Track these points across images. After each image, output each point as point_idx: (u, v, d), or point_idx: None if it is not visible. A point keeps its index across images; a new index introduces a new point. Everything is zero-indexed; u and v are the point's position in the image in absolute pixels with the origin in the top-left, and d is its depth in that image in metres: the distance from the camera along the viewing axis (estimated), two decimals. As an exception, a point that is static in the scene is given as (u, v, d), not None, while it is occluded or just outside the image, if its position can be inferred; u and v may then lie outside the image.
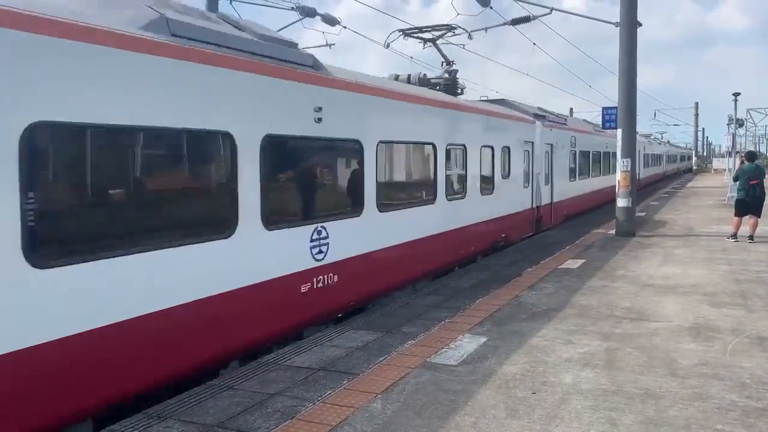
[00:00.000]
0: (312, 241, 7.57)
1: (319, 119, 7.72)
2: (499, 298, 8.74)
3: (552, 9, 17.51)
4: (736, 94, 48.69)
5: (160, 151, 5.90)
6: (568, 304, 8.27)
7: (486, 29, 18.29)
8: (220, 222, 6.27)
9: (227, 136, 6.29)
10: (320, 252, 7.72)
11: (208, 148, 6.39)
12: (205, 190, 6.40)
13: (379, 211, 9.07)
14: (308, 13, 16.81)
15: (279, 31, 12.53)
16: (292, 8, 16.90)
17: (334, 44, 16.78)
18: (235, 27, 7.11)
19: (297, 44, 8.12)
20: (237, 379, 5.90)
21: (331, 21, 17.21)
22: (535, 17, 17.58)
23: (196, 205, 6.23)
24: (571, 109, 47.39)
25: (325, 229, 7.79)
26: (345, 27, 17.63)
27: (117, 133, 5.28)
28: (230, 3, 16.32)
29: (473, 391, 5.25)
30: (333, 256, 7.95)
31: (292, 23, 17.01)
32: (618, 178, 15.44)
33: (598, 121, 22.39)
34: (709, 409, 4.84)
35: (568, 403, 4.99)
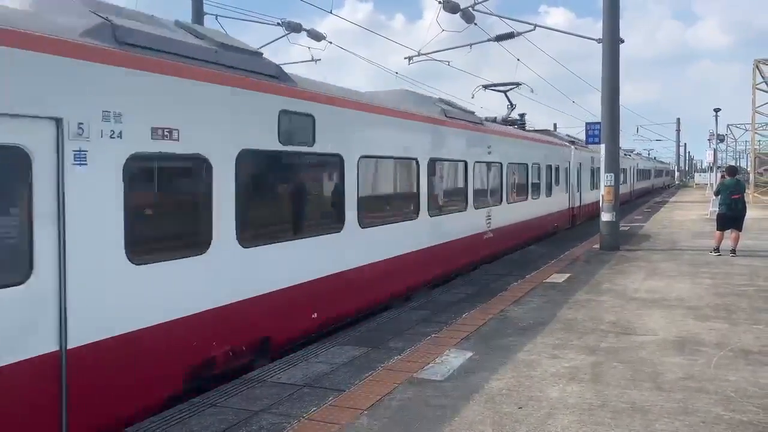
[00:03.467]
0: (486, 217, 14.19)
1: (489, 152, 14.45)
2: (485, 312, 8.73)
3: (535, 25, 17.73)
4: (717, 110, 49.31)
5: (450, 168, 12.75)
6: (554, 319, 8.28)
7: (470, 45, 18.48)
8: (461, 202, 13.02)
9: (464, 163, 13.01)
10: (489, 222, 14.34)
11: (460, 170, 12.92)
12: (462, 189, 13.06)
13: (508, 203, 15.73)
14: (294, 28, 16.88)
15: (264, 46, 12.80)
16: (278, 24, 16.96)
17: (320, 59, 16.88)
18: (464, 110, 14.27)
19: (495, 117, 18.15)
20: (221, 396, 5.83)
21: (316, 37, 17.28)
22: (518, 33, 17.78)
23: (460, 195, 13.05)
24: (555, 125, 47.76)
25: (490, 211, 14.45)
26: (331, 42, 17.71)
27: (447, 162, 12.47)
28: (216, 18, 16.34)
29: (460, 406, 5.22)
30: (493, 225, 14.64)
31: (278, 38, 17.07)
32: (602, 192, 15.55)
33: (582, 136, 22.73)
34: (695, 422, 4.84)
35: (554, 417, 4.97)
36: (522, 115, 20.69)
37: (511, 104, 20.26)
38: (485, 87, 20.28)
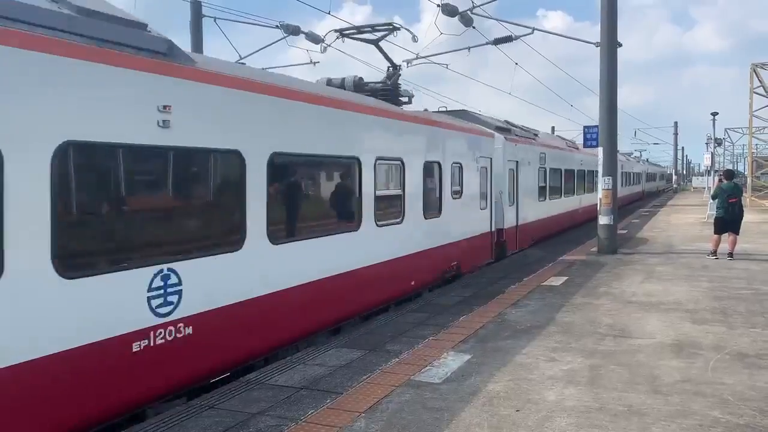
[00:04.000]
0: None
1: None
2: (482, 315, 8.74)
3: (533, 29, 17.74)
4: (714, 114, 49.53)
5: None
6: (552, 322, 8.29)
7: (469, 49, 18.49)
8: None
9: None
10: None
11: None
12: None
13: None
14: (292, 31, 16.90)
15: (263, 49, 12.71)
16: (277, 26, 16.98)
17: (318, 62, 16.89)
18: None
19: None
20: (219, 398, 5.83)
21: (315, 39, 17.30)
22: (516, 37, 17.79)
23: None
24: (553, 128, 47.92)
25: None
26: (329, 45, 17.71)
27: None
28: (214, 21, 16.38)
29: (457, 409, 5.22)
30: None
31: (277, 41, 17.09)
32: (599, 196, 15.60)
33: (580, 139, 22.56)
34: (692, 426, 4.85)
35: (551, 420, 4.98)
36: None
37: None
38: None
